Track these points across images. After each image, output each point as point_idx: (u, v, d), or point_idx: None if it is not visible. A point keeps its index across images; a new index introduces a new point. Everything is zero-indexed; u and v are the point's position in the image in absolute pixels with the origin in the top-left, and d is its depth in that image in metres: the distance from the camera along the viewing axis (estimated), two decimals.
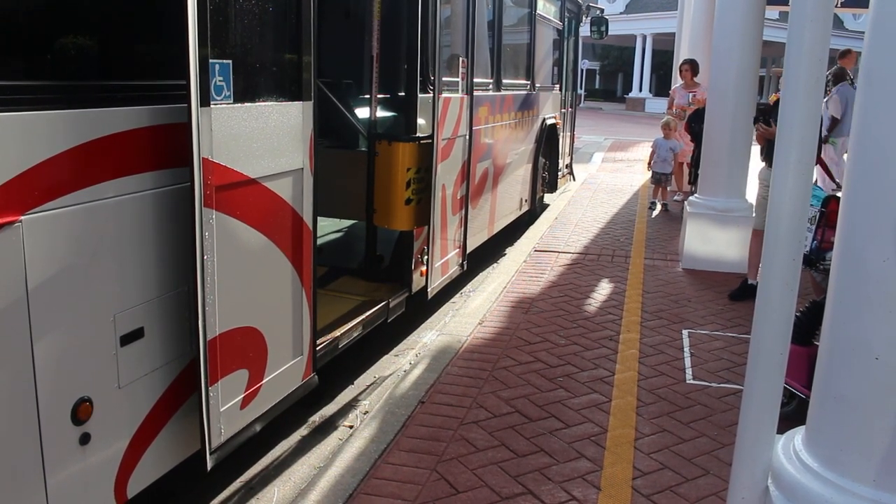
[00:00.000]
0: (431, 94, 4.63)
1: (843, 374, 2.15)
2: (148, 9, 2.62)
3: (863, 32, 2.18)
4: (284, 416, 3.46)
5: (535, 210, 8.96)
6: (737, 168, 6.70)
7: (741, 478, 2.36)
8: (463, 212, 5.50)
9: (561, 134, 9.97)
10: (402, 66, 4.87)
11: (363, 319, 4.29)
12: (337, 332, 4.01)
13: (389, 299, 4.64)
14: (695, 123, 8.66)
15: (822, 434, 2.22)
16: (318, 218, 3.43)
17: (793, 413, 3.50)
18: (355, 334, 4.21)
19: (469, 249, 5.80)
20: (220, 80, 2.63)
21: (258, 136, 2.89)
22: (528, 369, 4.38)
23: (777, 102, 5.91)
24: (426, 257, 4.82)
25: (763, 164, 5.66)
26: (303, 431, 3.90)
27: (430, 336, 5.14)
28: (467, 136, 5.40)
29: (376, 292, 4.73)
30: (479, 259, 6.95)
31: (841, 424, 2.15)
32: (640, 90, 39.75)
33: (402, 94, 4.91)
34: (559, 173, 10.22)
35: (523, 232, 8.27)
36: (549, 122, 8.93)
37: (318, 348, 3.57)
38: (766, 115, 5.64)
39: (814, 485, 2.13)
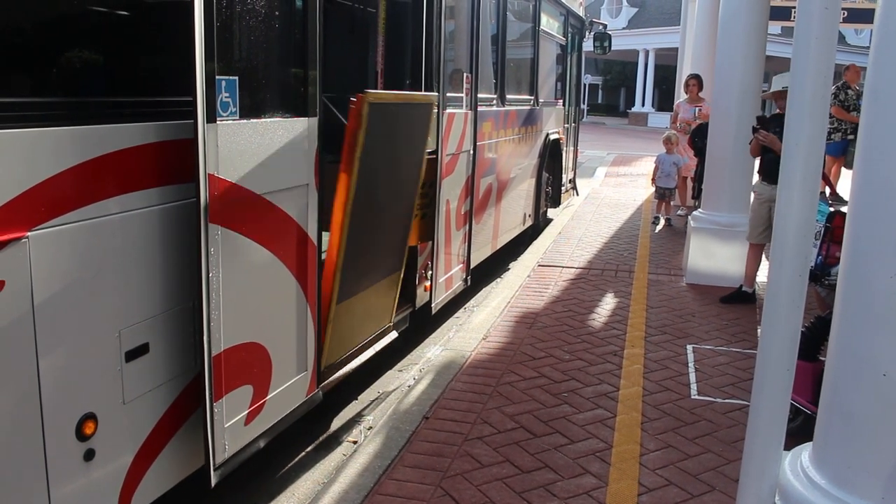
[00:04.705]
0: (436, 110, 4.65)
1: (851, 390, 2.14)
2: (154, 25, 2.64)
3: (865, 48, 2.19)
4: (288, 432, 3.45)
5: (538, 225, 8.96)
6: (740, 183, 6.70)
7: (748, 494, 2.34)
8: (467, 227, 5.51)
9: (564, 149, 9.98)
10: (407, 82, 4.90)
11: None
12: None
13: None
14: (698, 138, 8.68)
15: (829, 451, 2.21)
16: (323, 233, 3.44)
17: (798, 429, 3.47)
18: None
19: (473, 264, 5.80)
20: (226, 97, 2.64)
21: (264, 151, 2.90)
22: (533, 385, 4.36)
23: (775, 115, 5.93)
24: (430, 272, 4.82)
25: (758, 177, 5.68)
26: (307, 447, 3.88)
27: (434, 351, 5.12)
28: (471, 152, 5.41)
29: None
30: (483, 274, 6.95)
31: (848, 441, 2.14)
32: (643, 105, 39.87)
33: None
34: (562, 188, 10.22)
35: (527, 247, 8.27)
36: (552, 137, 8.95)
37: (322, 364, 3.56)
38: (765, 126, 5.63)
39: (822, 502, 2.12)
